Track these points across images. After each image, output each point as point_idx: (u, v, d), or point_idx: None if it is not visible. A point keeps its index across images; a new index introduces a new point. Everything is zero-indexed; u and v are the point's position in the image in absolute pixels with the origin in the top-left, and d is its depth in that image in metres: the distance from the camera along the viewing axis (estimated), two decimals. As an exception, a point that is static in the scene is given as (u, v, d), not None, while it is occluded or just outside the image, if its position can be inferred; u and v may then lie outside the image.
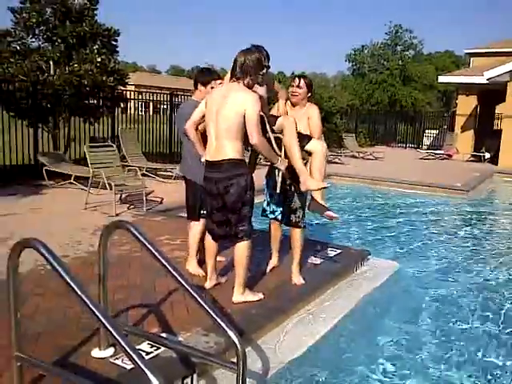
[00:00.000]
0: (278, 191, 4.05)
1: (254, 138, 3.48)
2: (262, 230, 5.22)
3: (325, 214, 4.07)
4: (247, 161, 3.88)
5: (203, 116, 3.77)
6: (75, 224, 5.98)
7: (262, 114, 3.62)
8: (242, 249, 3.68)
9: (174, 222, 6.26)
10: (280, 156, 3.77)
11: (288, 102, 4.28)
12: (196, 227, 4.39)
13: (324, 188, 3.94)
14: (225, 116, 3.50)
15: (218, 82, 4.25)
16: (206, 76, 4.37)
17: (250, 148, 3.87)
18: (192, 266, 4.42)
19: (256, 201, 3.79)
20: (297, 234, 4.26)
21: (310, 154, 3.97)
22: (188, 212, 4.49)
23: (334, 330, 3.79)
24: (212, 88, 4.22)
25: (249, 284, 3.94)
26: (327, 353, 3.58)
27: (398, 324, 4.14)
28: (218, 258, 4.26)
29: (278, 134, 3.81)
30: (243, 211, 3.63)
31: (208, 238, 3.95)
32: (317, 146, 3.97)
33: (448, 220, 8.99)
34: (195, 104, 4.12)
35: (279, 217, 4.37)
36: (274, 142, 3.75)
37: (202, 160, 3.79)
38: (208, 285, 4.01)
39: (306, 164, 3.95)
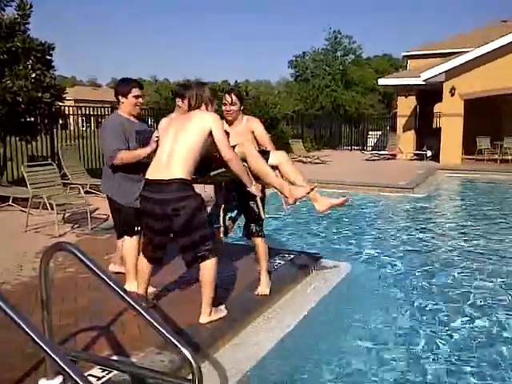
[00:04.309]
0: (263, 217, 4.02)
1: (227, 153, 3.39)
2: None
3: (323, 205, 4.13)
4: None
5: None
6: (16, 248, 5.69)
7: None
8: (208, 267, 3.45)
9: (122, 238, 6.06)
10: (252, 181, 3.65)
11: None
12: (130, 242, 4.10)
13: (313, 189, 3.85)
14: (187, 132, 3.38)
15: (139, 91, 4.08)
16: (124, 86, 4.07)
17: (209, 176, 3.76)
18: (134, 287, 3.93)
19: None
20: (261, 244, 4.20)
21: (275, 167, 3.87)
22: (118, 231, 4.30)
23: (289, 335, 3.76)
24: (135, 97, 4.05)
25: (199, 297, 3.82)
26: (284, 360, 3.55)
27: (354, 324, 4.15)
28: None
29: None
30: (204, 232, 3.41)
31: (142, 260, 3.70)
32: (278, 157, 3.88)
33: (394, 218, 9.20)
34: (119, 120, 4.02)
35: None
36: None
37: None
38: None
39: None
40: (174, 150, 3.34)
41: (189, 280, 4.35)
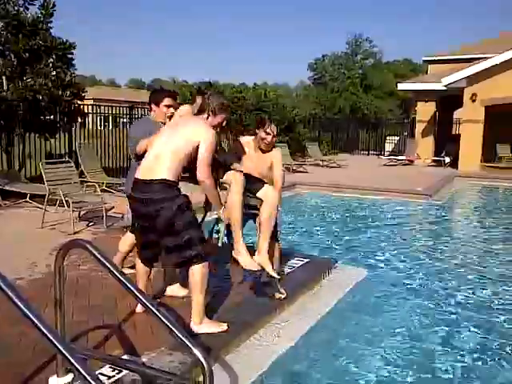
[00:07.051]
0: (219, 245, 3.73)
1: (203, 174, 3.34)
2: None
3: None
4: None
5: None
6: (31, 244, 5.73)
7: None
8: (197, 272, 3.33)
9: (136, 237, 6.06)
10: (223, 206, 3.58)
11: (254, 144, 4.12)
12: (127, 236, 4.47)
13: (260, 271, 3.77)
14: (176, 139, 3.38)
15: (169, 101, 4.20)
16: (157, 95, 4.28)
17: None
18: None
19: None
20: (275, 246, 4.16)
21: (260, 200, 3.82)
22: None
23: (303, 339, 3.72)
24: (166, 106, 4.18)
25: (213, 302, 3.82)
26: (296, 364, 3.50)
27: (367, 330, 4.09)
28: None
29: (225, 185, 3.69)
30: (190, 235, 3.30)
31: (137, 261, 3.73)
32: (270, 200, 3.81)
33: (411, 224, 9.08)
34: (149, 125, 4.12)
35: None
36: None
37: None
38: (139, 309, 3.68)
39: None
40: (162, 152, 3.36)
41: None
